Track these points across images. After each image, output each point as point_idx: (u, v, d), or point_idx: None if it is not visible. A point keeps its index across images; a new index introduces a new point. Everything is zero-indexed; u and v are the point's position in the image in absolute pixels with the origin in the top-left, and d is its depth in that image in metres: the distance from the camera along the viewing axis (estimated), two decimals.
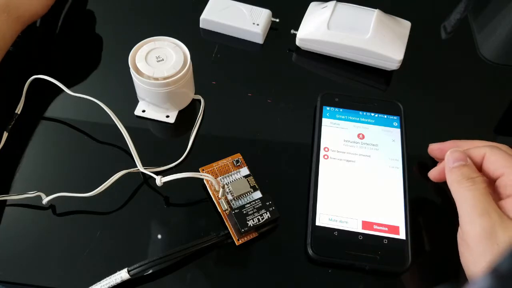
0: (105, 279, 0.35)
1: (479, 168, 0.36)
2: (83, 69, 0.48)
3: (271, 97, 0.47)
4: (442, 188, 0.41)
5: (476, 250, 0.32)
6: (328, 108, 0.44)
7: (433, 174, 0.40)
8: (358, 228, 0.38)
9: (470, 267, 0.33)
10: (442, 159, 0.38)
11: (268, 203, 0.38)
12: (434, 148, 0.41)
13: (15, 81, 0.45)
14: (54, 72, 0.44)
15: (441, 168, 0.39)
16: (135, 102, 0.45)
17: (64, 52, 0.49)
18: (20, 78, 0.44)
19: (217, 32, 0.51)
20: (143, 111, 0.45)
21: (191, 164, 0.42)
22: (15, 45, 0.45)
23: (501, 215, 0.32)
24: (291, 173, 0.42)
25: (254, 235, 0.38)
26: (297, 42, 0.49)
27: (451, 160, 0.36)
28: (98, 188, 0.38)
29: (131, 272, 0.35)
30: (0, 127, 0.43)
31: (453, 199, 0.35)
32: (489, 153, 0.35)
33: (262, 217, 0.37)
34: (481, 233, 0.32)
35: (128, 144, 0.40)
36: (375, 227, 0.38)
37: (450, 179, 0.35)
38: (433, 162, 0.42)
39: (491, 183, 0.36)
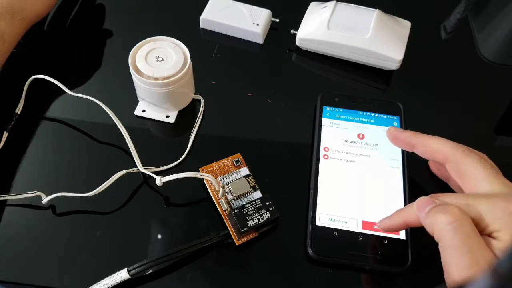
0: (105, 279, 0.35)
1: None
2: (83, 69, 0.48)
3: (271, 97, 0.47)
4: (442, 188, 0.41)
5: None
6: (328, 108, 0.44)
7: (436, 167, 0.40)
8: (358, 228, 0.38)
9: None
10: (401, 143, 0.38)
11: (268, 203, 0.38)
12: (392, 135, 0.38)
13: (15, 81, 0.45)
14: (54, 72, 0.44)
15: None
16: (135, 102, 0.45)
17: (64, 52, 0.49)
18: (20, 78, 0.44)
19: (217, 32, 0.51)
20: (143, 111, 0.45)
21: (191, 164, 0.42)
22: (16, 45, 0.45)
23: (490, 260, 0.29)
24: (291, 173, 0.42)
25: (254, 235, 0.38)
26: (297, 42, 0.49)
27: (421, 209, 0.32)
28: (98, 188, 0.38)
29: (131, 272, 0.35)
30: (0, 127, 0.43)
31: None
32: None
33: (262, 217, 0.37)
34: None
35: (128, 144, 0.40)
36: (375, 227, 0.38)
37: (430, 226, 0.31)
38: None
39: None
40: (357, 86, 0.48)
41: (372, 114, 0.44)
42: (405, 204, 0.39)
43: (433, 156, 0.36)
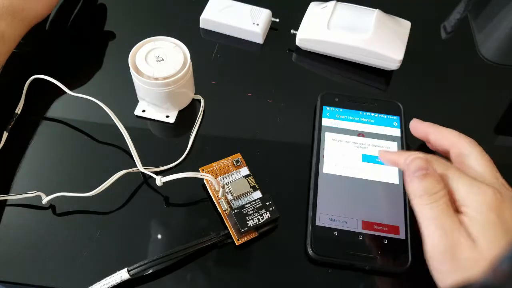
0: (105, 279, 0.35)
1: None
2: (83, 69, 0.48)
3: (271, 97, 0.47)
4: None
5: (440, 270, 0.32)
6: (328, 108, 0.44)
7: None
8: (358, 228, 0.38)
9: (439, 284, 0.33)
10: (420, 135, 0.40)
11: (268, 203, 0.38)
12: (412, 125, 0.41)
13: (15, 81, 0.45)
14: (54, 72, 0.44)
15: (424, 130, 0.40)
16: (135, 102, 0.45)
17: (64, 52, 0.49)
18: (20, 78, 0.44)
19: (217, 32, 0.51)
20: (143, 111, 0.45)
21: (191, 164, 0.42)
22: (16, 45, 0.45)
23: (461, 233, 0.31)
24: (291, 173, 0.42)
25: (254, 235, 0.38)
26: (297, 42, 0.49)
27: (412, 168, 0.34)
28: (98, 188, 0.38)
29: (131, 272, 0.35)
30: (0, 127, 0.43)
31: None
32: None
33: (262, 217, 0.37)
34: (443, 254, 0.31)
35: (128, 144, 0.40)
36: (375, 227, 0.38)
37: (411, 191, 0.34)
38: None
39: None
40: (357, 86, 0.48)
41: (372, 114, 0.44)
42: (405, 204, 0.39)
43: (442, 142, 0.38)
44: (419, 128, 0.40)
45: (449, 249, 0.31)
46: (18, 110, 0.44)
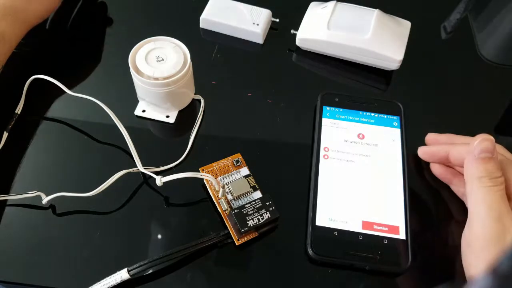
0: (105, 279, 0.35)
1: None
2: (83, 69, 0.48)
3: (271, 97, 0.47)
4: (442, 188, 0.41)
5: (481, 254, 0.31)
6: (328, 108, 0.44)
7: (439, 171, 0.40)
8: (358, 228, 0.38)
9: (471, 269, 0.32)
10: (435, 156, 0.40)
11: (268, 203, 0.38)
12: (430, 138, 0.41)
13: (15, 81, 0.45)
14: (54, 72, 0.44)
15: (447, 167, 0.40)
16: (135, 102, 0.45)
17: (64, 52, 0.49)
18: (20, 78, 0.44)
19: (217, 32, 0.51)
20: (143, 111, 0.45)
21: (191, 164, 0.42)
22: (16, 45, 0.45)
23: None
24: (291, 173, 0.42)
25: (254, 235, 0.38)
26: (297, 42, 0.49)
27: (479, 148, 0.34)
28: (98, 188, 0.38)
29: (131, 272, 0.35)
30: (0, 127, 0.43)
31: (455, 190, 0.36)
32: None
33: (262, 217, 0.37)
34: (491, 238, 0.31)
35: (128, 144, 0.40)
36: (375, 227, 0.38)
37: (471, 171, 0.34)
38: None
39: None
40: (357, 86, 0.48)
41: (372, 114, 0.44)
42: (405, 204, 0.39)
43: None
44: (440, 138, 0.41)
45: (500, 234, 0.31)
46: (18, 110, 0.44)
